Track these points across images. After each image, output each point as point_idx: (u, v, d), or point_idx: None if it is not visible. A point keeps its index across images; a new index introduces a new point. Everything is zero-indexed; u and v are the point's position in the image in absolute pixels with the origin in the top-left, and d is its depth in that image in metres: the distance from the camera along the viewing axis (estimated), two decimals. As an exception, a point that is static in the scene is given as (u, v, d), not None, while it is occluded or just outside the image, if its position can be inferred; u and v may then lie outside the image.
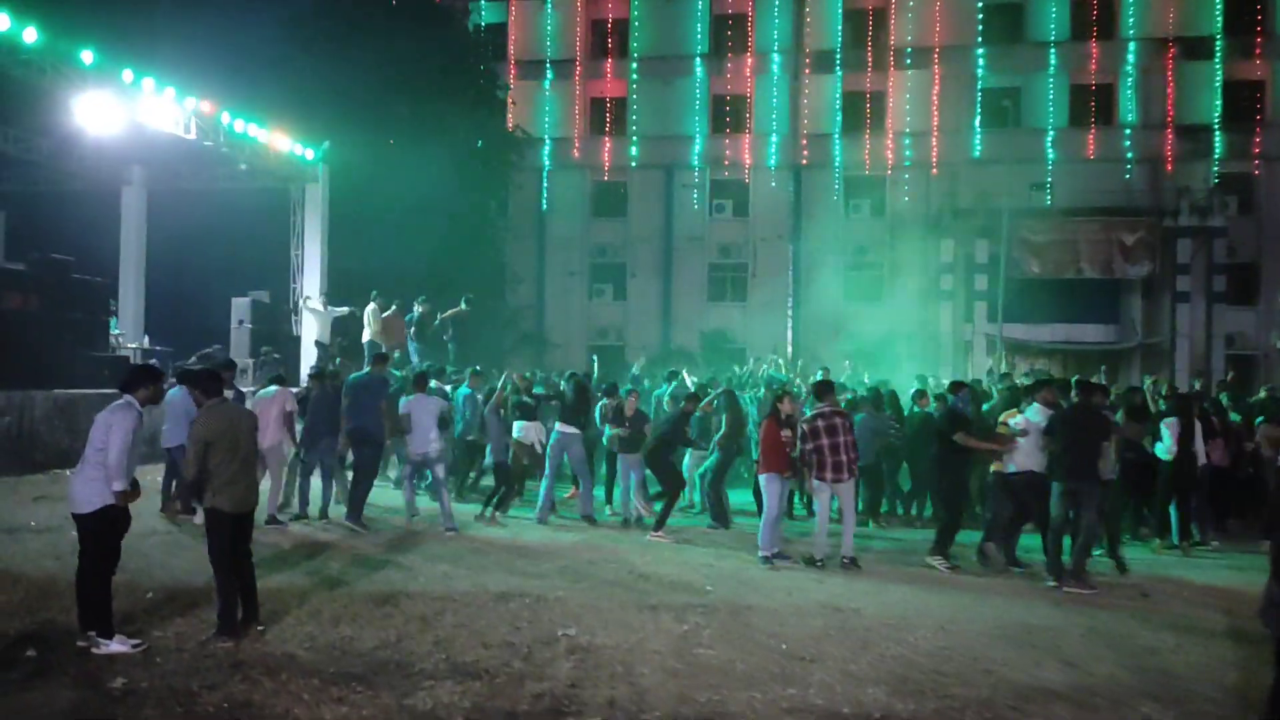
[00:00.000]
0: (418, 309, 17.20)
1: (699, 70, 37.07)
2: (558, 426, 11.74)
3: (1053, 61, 34.44)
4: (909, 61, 35.46)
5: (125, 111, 16.56)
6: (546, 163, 37.09)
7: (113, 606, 6.49)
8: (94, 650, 6.25)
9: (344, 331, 19.54)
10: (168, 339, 20.20)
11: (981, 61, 34.93)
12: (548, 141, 36.58)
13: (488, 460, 12.62)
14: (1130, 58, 33.83)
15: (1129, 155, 33.58)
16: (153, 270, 22.26)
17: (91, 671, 5.94)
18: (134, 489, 6.51)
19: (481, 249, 29.50)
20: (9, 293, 14.28)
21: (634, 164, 37.55)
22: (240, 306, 19.31)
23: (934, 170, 35.25)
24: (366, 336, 16.56)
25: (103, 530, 6.42)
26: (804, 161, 36.27)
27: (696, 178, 37.29)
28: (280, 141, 20.47)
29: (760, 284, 36.95)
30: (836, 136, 36.08)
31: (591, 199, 38.33)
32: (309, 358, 19.77)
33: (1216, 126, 32.88)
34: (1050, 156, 34.16)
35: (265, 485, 10.91)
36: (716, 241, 37.41)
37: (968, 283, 33.22)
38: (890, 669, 6.19)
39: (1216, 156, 32.80)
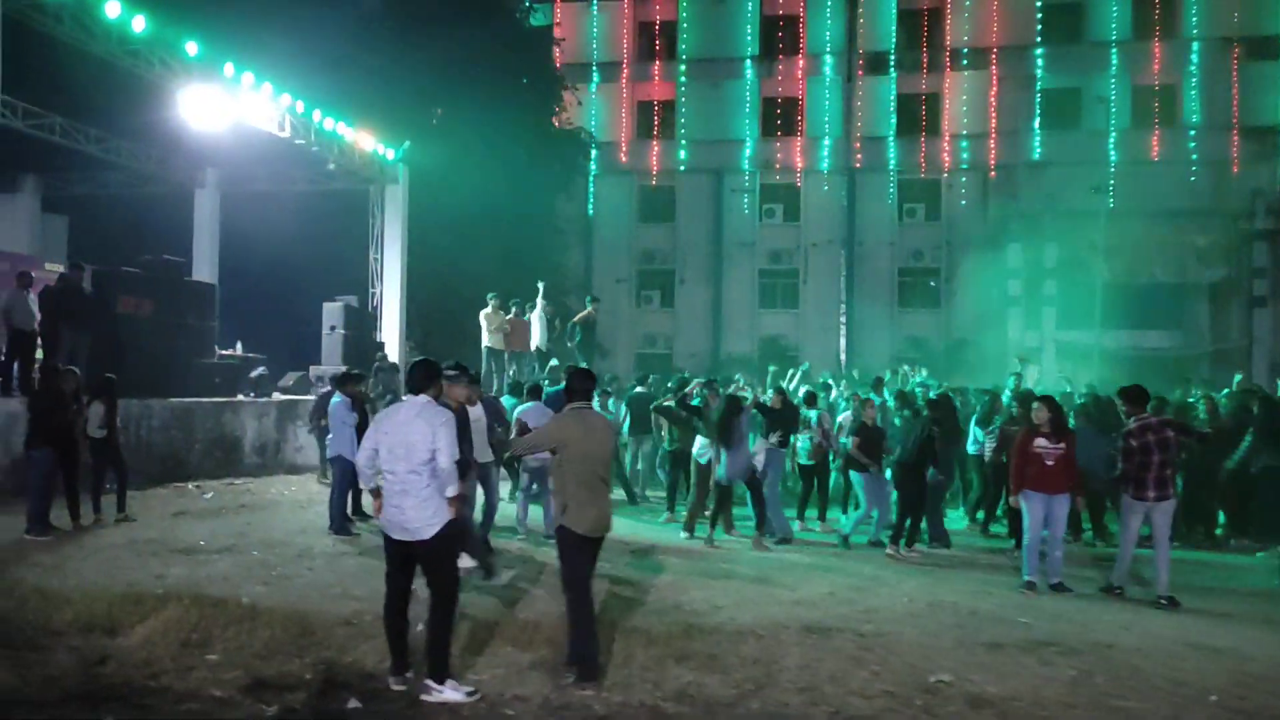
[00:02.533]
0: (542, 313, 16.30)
1: (749, 72, 36.32)
2: (766, 442, 10.84)
3: (1114, 62, 33.78)
4: (965, 62, 34.78)
5: (225, 107, 15.71)
6: (593, 167, 36.21)
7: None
8: (424, 697, 5.36)
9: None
10: (252, 346, 19.23)
11: (1040, 62, 34.26)
12: (594, 146, 35.76)
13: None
14: (1194, 58, 33.20)
15: (1194, 157, 32.91)
16: (224, 275, 21.35)
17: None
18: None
19: (550, 252, 28.62)
20: (125, 296, 13.36)
21: (682, 168, 36.79)
22: (332, 312, 18.39)
23: (991, 173, 34.56)
24: (485, 342, 15.64)
25: (451, 551, 5.54)
26: (857, 165, 35.54)
27: (746, 182, 36.50)
28: (365, 141, 19.64)
29: (812, 290, 36.17)
30: (891, 139, 35.39)
31: (639, 204, 37.52)
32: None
33: (1281, 127, 32.29)
34: (1112, 158, 33.46)
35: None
36: (767, 247, 36.61)
37: (1035, 287, 32.41)
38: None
39: (1282, 158, 32.17)
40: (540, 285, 17.17)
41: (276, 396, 16.22)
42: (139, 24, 13.78)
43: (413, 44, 24.55)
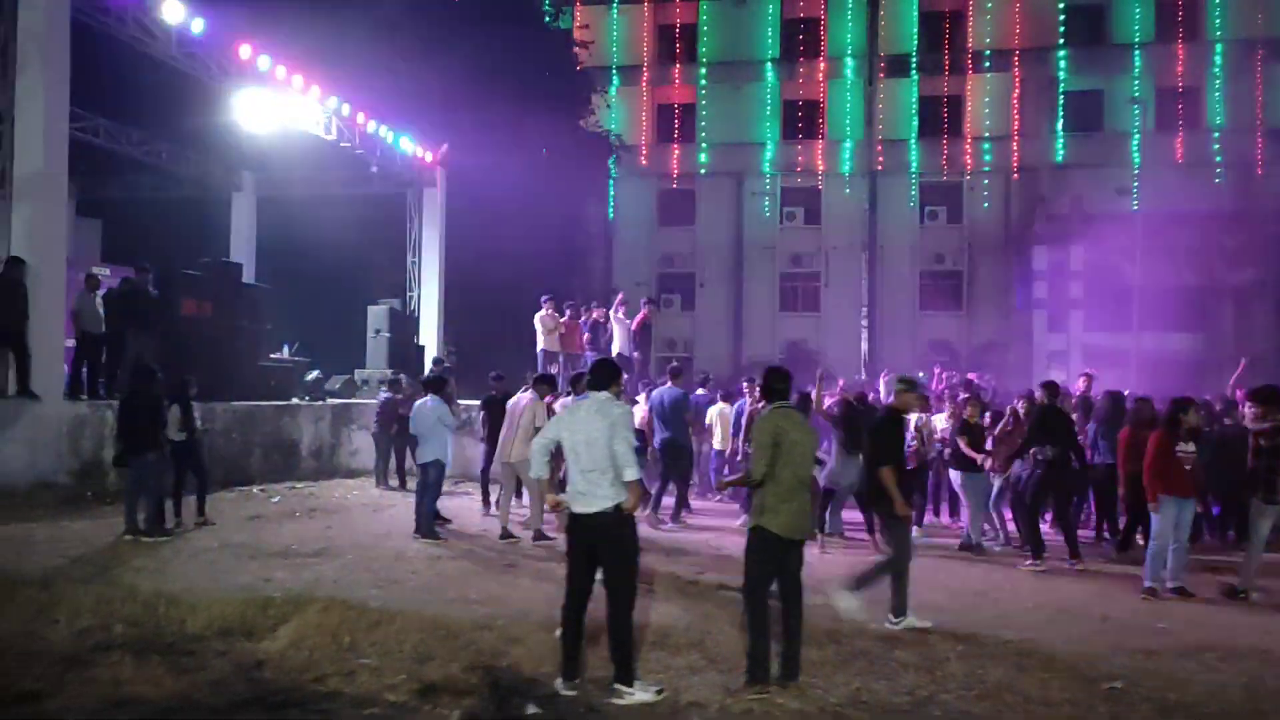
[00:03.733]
0: (594, 314, 16.15)
1: (770, 75, 36.25)
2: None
3: (1137, 64, 33.76)
4: (987, 65, 34.73)
5: (276, 110, 15.59)
6: (613, 170, 36.06)
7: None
8: (616, 701, 5.19)
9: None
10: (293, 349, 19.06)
11: (1062, 64, 34.22)
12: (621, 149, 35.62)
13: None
14: (1217, 60, 33.19)
15: (1218, 159, 32.88)
16: (261, 279, 21.17)
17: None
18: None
19: (578, 255, 28.49)
20: (187, 299, 13.18)
21: (703, 171, 36.67)
22: (377, 315, 18.24)
23: (1014, 175, 34.49)
24: (541, 344, 15.48)
25: (631, 538, 5.45)
26: (879, 167, 35.39)
27: (767, 185, 36.40)
28: (405, 144, 19.50)
29: (833, 293, 36.05)
30: (912, 142, 35.33)
31: (659, 207, 37.40)
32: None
33: (1305, 129, 32.28)
34: (1136, 161, 33.41)
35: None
36: (788, 250, 36.51)
37: (1061, 290, 32.32)
38: None
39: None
40: (619, 292, 17.05)
41: (330, 400, 16.04)
42: (198, 26, 13.67)
43: (441, 47, 24.42)
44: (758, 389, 11.45)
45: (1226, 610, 8.01)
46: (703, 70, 36.63)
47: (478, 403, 13.37)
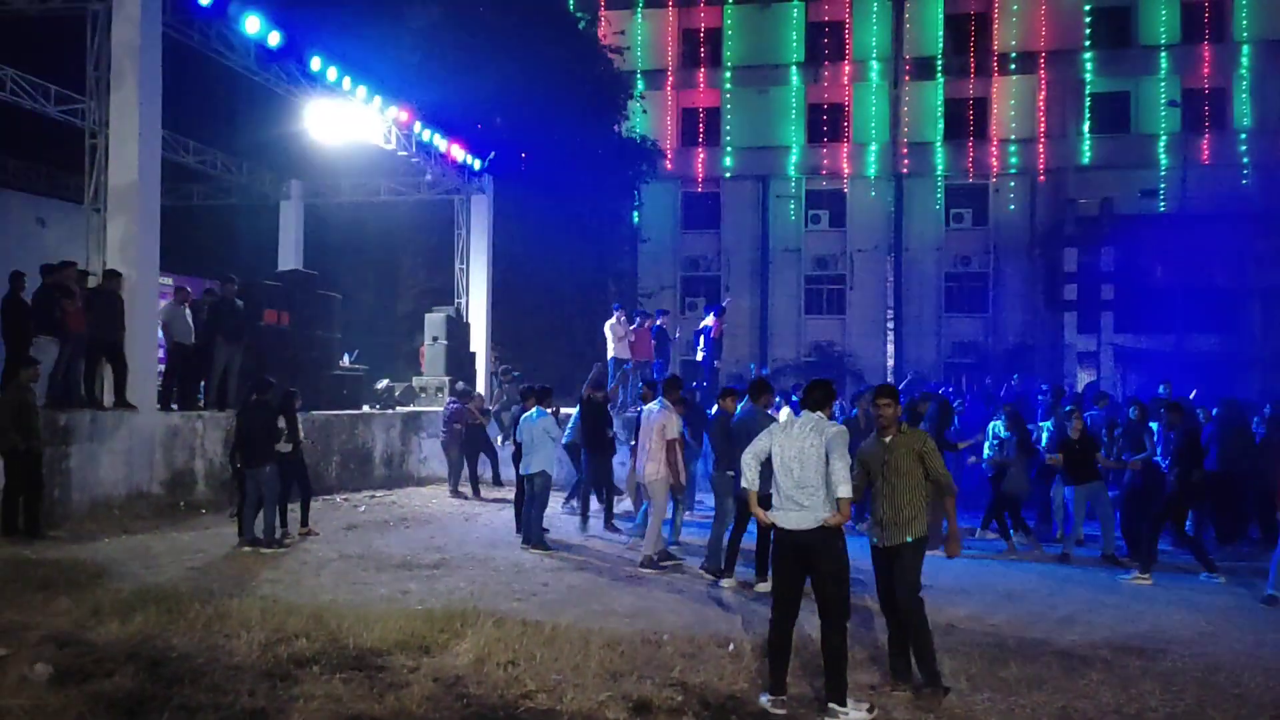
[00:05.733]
0: (659, 322, 16.17)
1: (795, 79, 36.27)
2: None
3: (1163, 65, 33.82)
4: (1013, 67, 34.77)
5: (342, 120, 15.62)
6: (645, 174, 36.01)
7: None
8: (830, 719, 5.19)
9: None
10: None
11: (1089, 65, 34.28)
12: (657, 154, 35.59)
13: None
14: (1244, 60, 33.26)
15: (1245, 160, 32.95)
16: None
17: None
18: None
19: (614, 260, 28.51)
20: (267, 309, 13.17)
21: (728, 175, 36.68)
22: (434, 323, 18.22)
23: (1040, 177, 34.53)
24: (612, 352, 15.49)
25: (842, 551, 5.52)
26: (904, 170, 35.48)
27: (792, 188, 36.43)
28: (456, 151, 19.49)
29: (858, 296, 36.09)
30: (938, 144, 35.33)
31: (683, 210, 37.42)
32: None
33: (1335, 129, 32.35)
34: (1163, 162, 33.46)
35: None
36: (812, 253, 36.53)
37: (1091, 291, 32.34)
38: None
39: (1337, 161, 32.22)
40: (615, 305, 16.91)
41: (400, 409, 16.04)
42: (274, 39, 13.67)
43: (483, 55, 24.42)
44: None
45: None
46: (728, 74, 36.64)
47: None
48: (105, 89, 11.36)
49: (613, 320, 15.53)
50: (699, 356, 17.44)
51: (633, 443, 10.69)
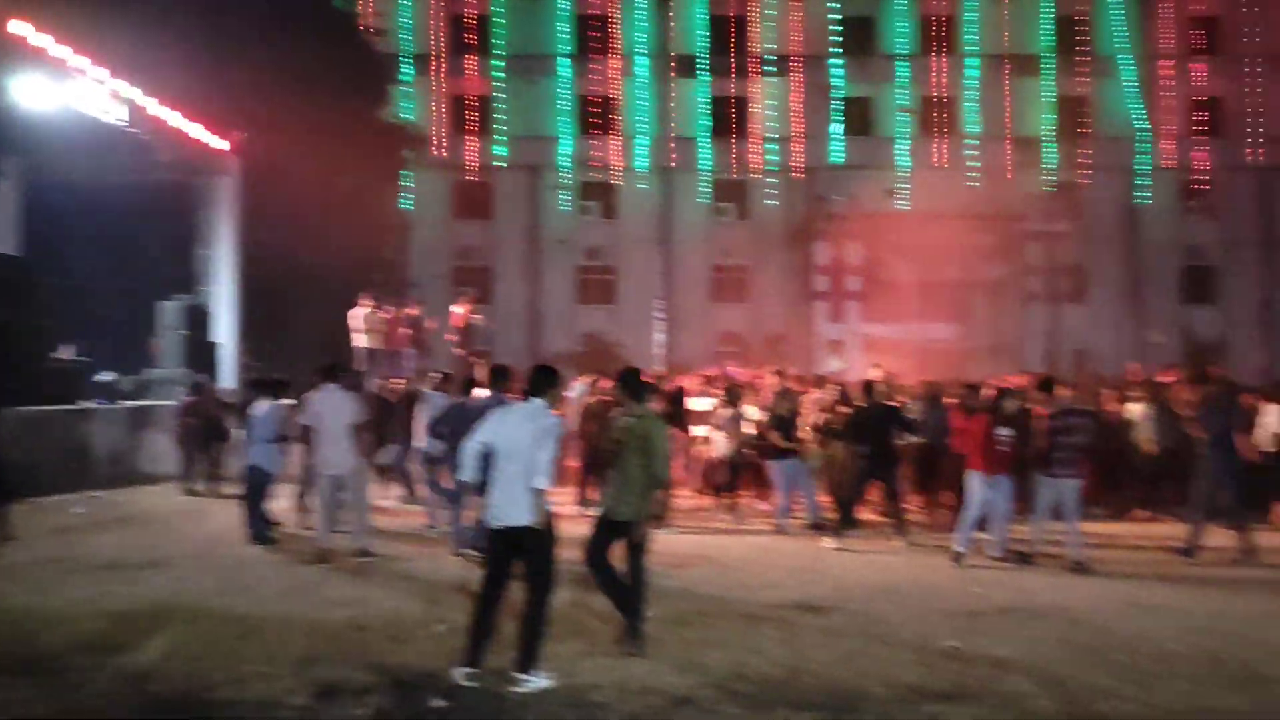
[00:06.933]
0: (414, 311, 15.95)
1: (565, 70, 36.60)
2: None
3: (903, 74, 36.45)
4: (771, 68, 36.50)
5: (54, 90, 14.49)
6: (410, 161, 35.29)
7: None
8: (515, 689, 5.38)
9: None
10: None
11: (838, 71, 36.45)
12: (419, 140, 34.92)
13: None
14: (972, 73, 36.38)
15: (974, 164, 36.04)
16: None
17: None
18: None
19: (378, 248, 27.80)
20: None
21: (500, 164, 36.58)
22: (171, 312, 17.23)
23: (796, 175, 36.43)
24: (359, 342, 15.16)
25: (549, 540, 5.72)
26: (672, 164, 36.60)
27: (564, 179, 36.80)
28: (197, 131, 18.48)
29: (629, 286, 36.97)
30: (703, 140, 36.61)
31: (454, 200, 37.06)
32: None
33: (1049, 139, 35.92)
34: (902, 164, 36.06)
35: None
36: (585, 243, 37.09)
37: (840, 284, 34.49)
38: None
39: (1049, 166, 35.82)
40: (363, 292, 16.55)
41: (128, 403, 15.04)
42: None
43: (232, 32, 23.20)
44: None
45: (1021, 573, 9.07)
46: (498, 62, 36.51)
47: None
48: None
49: (361, 308, 15.19)
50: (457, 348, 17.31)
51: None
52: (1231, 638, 6.77)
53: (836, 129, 36.42)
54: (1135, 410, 12.71)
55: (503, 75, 36.41)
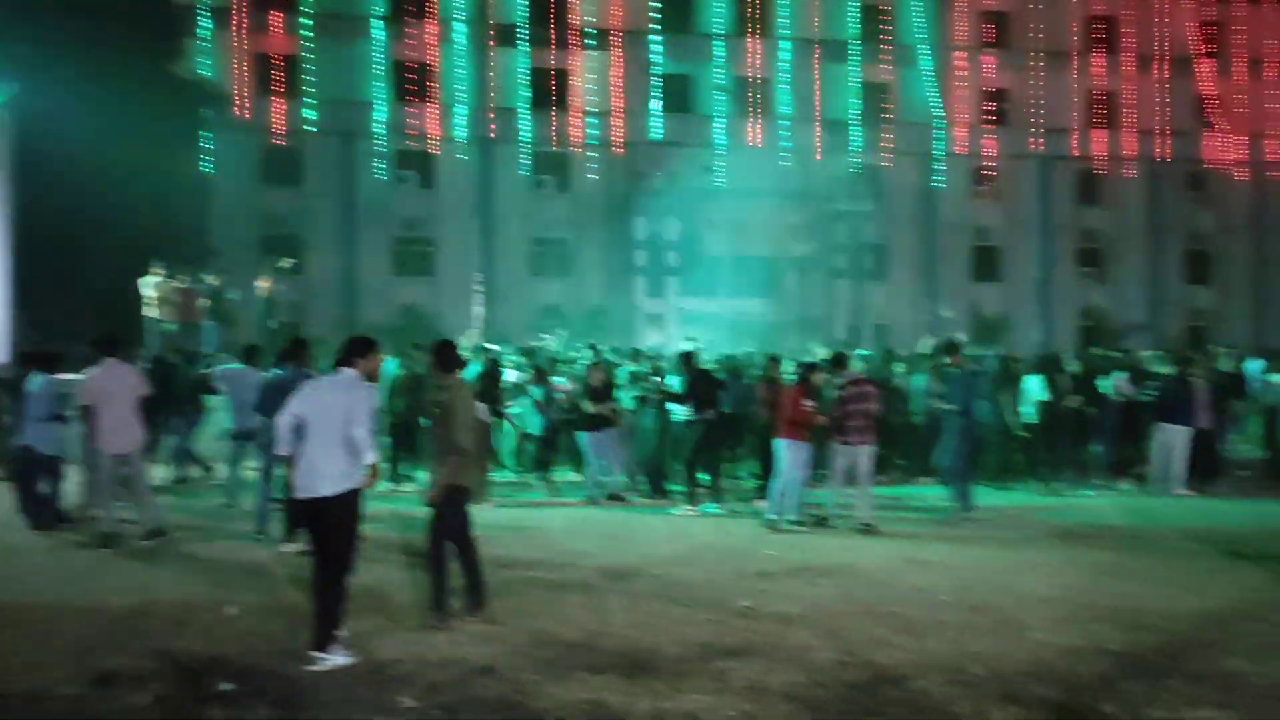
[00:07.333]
0: (213, 281, 15.16)
1: (379, 33, 35.38)
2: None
3: (719, 54, 37.20)
4: (592, 43, 36.51)
5: None
6: (208, 121, 33.30)
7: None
8: (310, 668, 5.29)
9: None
10: None
11: (657, 48, 36.82)
12: (219, 99, 32.99)
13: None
14: (785, 56, 37.53)
15: (785, 145, 37.26)
16: None
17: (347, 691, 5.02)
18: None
19: (172, 213, 26.12)
20: None
21: (310, 128, 35.10)
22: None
23: (617, 150, 36.69)
24: (152, 313, 14.31)
25: (351, 517, 5.61)
26: (491, 135, 36.11)
27: (380, 146, 35.70)
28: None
29: (448, 259, 36.40)
30: (523, 111, 36.26)
31: (261, 164, 35.33)
32: None
33: (854, 122, 37.56)
34: (719, 142, 36.86)
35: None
36: (402, 214, 36.18)
37: (659, 258, 35.00)
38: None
39: (855, 149, 37.49)
40: (154, 261, 15.64)
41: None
42: None
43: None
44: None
45: (815, 535, 9.59)
46: (306, 20, 34.90)
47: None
48: None
49: (151, 278, 14.32)
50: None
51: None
52: (990, 588, 7.41)
53: (656, 105, 36.85)
54: (920, 382, 13.58)
55: (311, 34, 34.83)
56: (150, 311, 14.32)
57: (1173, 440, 12.26)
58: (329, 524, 5.57)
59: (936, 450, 10.93)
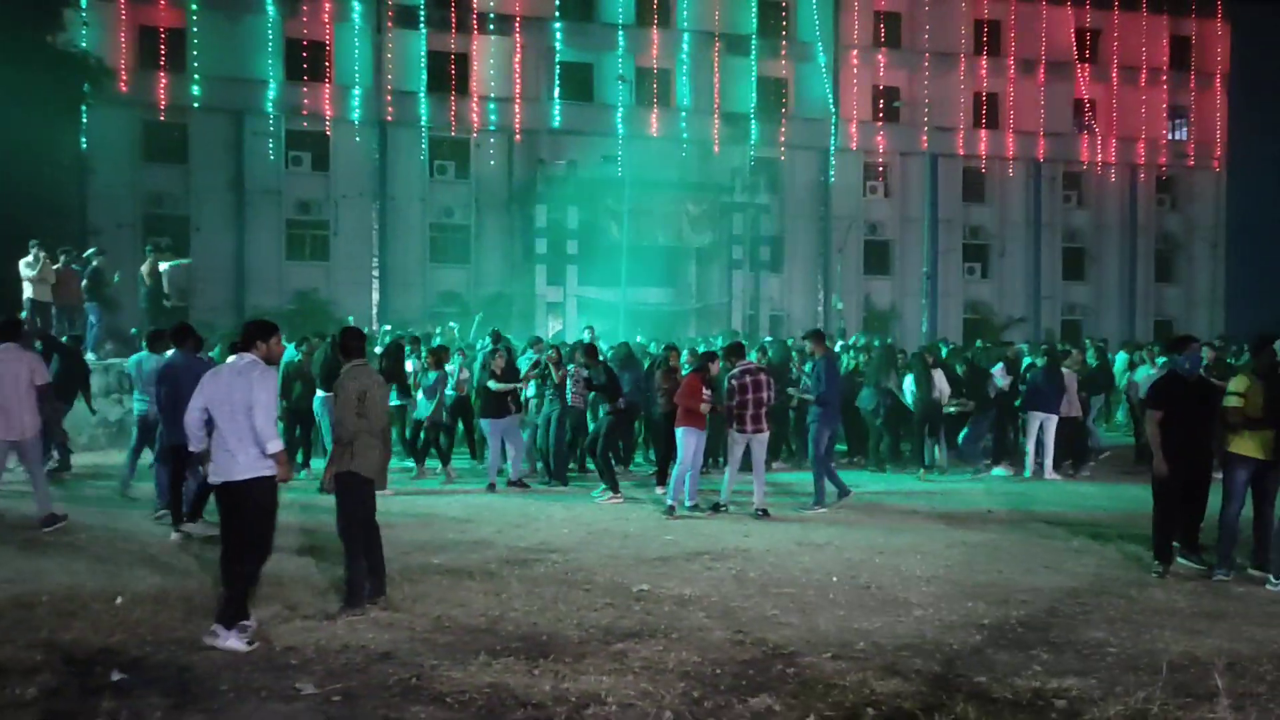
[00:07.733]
0: (94, 262, 14.59)
1: (270, 9, 34.37)
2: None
3: (621, 43, 37.28)
4: (492, 27, 36.18)
5: None
6: (87, 96, 31.84)
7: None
8: (209, 641, 5.34)
9: None
10: None
11: (559, 35, 36.72)
12: (100, 73, 31.53)
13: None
14: (685, 47, 37.86)
15: (685, 136, 37.62)
16: None
17: (249, 679, 5.00)
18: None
19: (46, 190, 24.99)
20: None
21: (196, 105, 33.94)
22: None
23: (517, 137, 36.53)
24: (28, 293, 13.72)
25: (267, 501, 5.73)
26: (388, 118, 35.55)
27: (270, 126, 34.74)
28: None
29: (342, 243, 35.74)
30: (422, 95, 35.77)
31: (144, 141, 34.04)
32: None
33: (752, 116, 38.15)
34: (621, 132, 36.94)
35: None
36: (295, 196, 35.36)
37: (559, 246, 34.95)
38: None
39: (752, 142, 38.10)
40: (33, 241, 15.00)
41: None
42: None
43: None
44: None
45: (711, 521, 9.85)
46: (191, -8, 33.69)
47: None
48: None
49: (28, 257, 13.74)
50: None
51: None
52: (877, 569, 7.77)
53: (556, 93, 36.76)
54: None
55: (196, 7, 33.62)
56: (28, 292, 13.70)
57: (1044, 427, 12.96)
58: (245, 509, 5.65)
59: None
